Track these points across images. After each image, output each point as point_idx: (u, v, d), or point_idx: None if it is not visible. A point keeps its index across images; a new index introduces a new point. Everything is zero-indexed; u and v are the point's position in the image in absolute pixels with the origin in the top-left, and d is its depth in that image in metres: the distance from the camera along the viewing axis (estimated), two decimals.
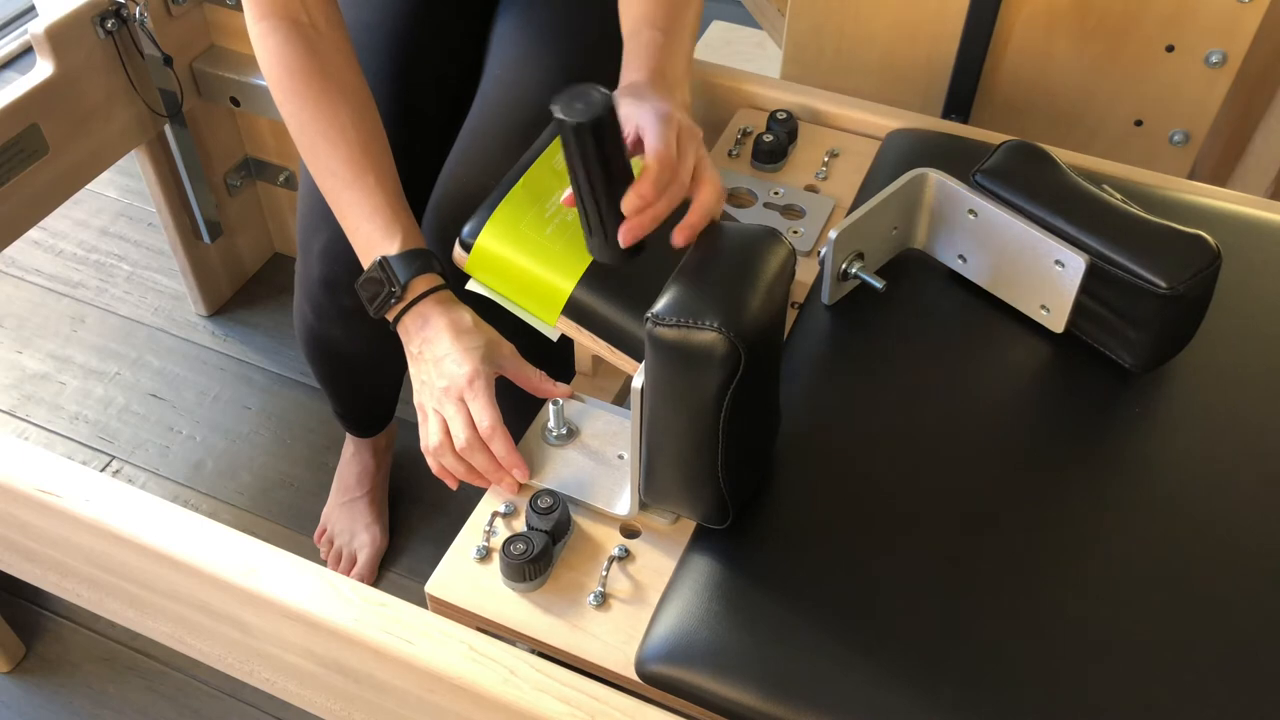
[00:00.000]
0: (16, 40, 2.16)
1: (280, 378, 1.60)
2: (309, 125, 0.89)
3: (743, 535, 0.79)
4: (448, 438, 0.84)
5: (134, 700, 1.25)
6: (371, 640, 0.75)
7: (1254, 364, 0.89)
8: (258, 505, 1.45)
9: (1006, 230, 0.88)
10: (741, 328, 0.67)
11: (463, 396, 0.84)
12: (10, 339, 1.66)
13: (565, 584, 0.80)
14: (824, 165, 1.12)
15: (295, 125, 0.90)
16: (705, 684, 0.72)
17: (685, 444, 0.73)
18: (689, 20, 0.89)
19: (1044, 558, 0.77)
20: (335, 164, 0.89)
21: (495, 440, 0.83)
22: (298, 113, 0.89)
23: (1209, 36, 1.15)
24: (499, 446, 0.83)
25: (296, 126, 0.90)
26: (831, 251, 0.90)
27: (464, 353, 0.85)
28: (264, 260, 1.77)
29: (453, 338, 0.85)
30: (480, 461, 0.84)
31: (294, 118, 0.89)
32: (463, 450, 0.84)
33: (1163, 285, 0.81)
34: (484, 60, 1.11)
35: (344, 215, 0.90)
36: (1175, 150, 1.25)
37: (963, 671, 0.71)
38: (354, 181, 0.88)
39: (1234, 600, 0.74)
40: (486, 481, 0.86)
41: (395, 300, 0.87)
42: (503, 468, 0.84)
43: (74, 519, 0.86)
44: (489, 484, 0.86)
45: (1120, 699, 0.70)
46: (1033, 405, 0.87)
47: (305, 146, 0.90)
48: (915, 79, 1.31)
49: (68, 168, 1.33)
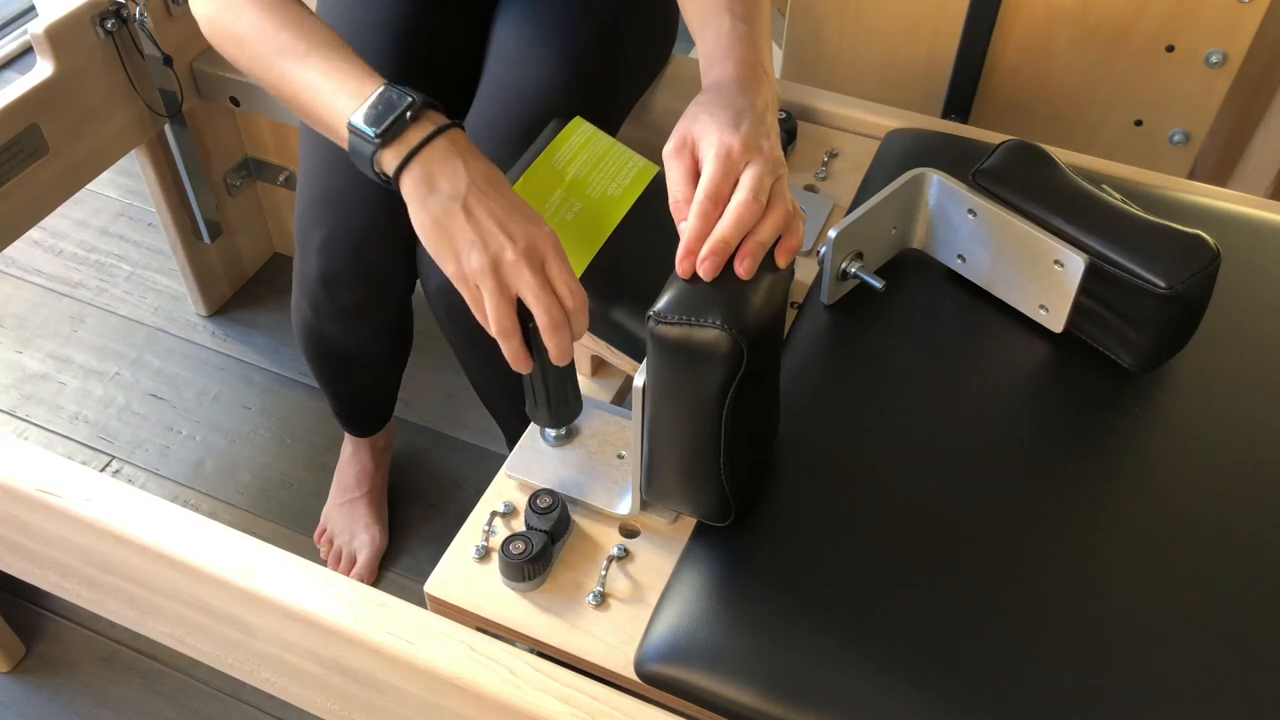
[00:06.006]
0: (16, 40, 2.16)
1: (280, 378, 1.60)
2: (255, 18, 0.81)
3: (742, 535, 0.79)
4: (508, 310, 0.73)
5: (134, 700, 1.25)
6: (371, 640, 0.75)
7: (1253, 364, 0.89)
8: (258, 505, 1.45)
9: (1005, 230, 0.88)
10: (744, 325, 0.67)
11: (545, 262, 0.72)
12: (10, 339, 1.66)
13: (564, 584, 0.80)
14: (823, 165, 1.12)
15: (240, 29, 0.82)
16: (704, 683, 0.72)
17: (687, 442, 0.73)
18: (766, 7, 0.81)
19: (1043, 557, 0.77)
20: (284, 40, 0.80)
21: (580, 316, 0.73)
22: (238, 17, 0.81)
23: (1209, 36, 1.15)
24: (581, 321, 0.74)
25: (242, 29, 0.82)
26: (831, 251, 0.90)
27: (529, 208, 0.73)
28: (264, 260, 1.77)
29: (506, 189, 0.73)
30: (565, 339, 0.73)
31: (237, 21, 0.82)
32: (558, 325, 0.72)
33: (1162, 285, 0.81)
34: (485, 58, 1.11)
35: (312, 84, 0.79)
36: (1175, 150, 1.25)
37: (963, 671, 0.71)
38: (315, 47, 0.80)
39: (1234, 597, 0.74)
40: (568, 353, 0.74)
41: (410, 121, 0.74)
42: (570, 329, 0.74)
43: (74, 519, 0.86)
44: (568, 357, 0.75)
45: (1121, 697, 0.70)
46: (1032, 405, 0.87)
47: (244, 35, 0.81)
48: (915, 79, 1.31)
49: (68, 168, 1.33)
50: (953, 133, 1.11)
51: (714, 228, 0.68)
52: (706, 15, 0.79)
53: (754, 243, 0.68)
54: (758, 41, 0.78)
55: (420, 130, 0.75)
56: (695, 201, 0.69)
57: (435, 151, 0.74)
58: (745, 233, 0.68)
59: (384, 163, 0.75)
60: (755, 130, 0.71)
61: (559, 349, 0.74)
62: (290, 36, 0.80)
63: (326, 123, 0.79)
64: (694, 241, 0.68)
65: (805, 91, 1.18)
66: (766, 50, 0.78)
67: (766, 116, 0.73)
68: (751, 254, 0.68)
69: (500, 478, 0.86)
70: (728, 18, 0.78)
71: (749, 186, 0.68)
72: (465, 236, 0.72)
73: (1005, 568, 0.76)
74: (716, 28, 0.78)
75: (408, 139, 0.74)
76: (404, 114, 0.74)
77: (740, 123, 0.70)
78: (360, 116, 0.75)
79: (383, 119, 0.74)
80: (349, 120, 0.75)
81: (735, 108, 0.72)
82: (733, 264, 0.68)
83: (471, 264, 0.72)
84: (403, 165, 0.74)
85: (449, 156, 0.74)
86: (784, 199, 0.70)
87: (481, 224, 0.72)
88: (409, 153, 0.74)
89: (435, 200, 0.73)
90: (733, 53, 0.76)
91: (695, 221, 0.68)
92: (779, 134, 0.74)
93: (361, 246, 1.04)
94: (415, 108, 0.75)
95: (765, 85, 0.75)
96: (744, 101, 0.72)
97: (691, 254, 0.68)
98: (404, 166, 0.74)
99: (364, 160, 0.76)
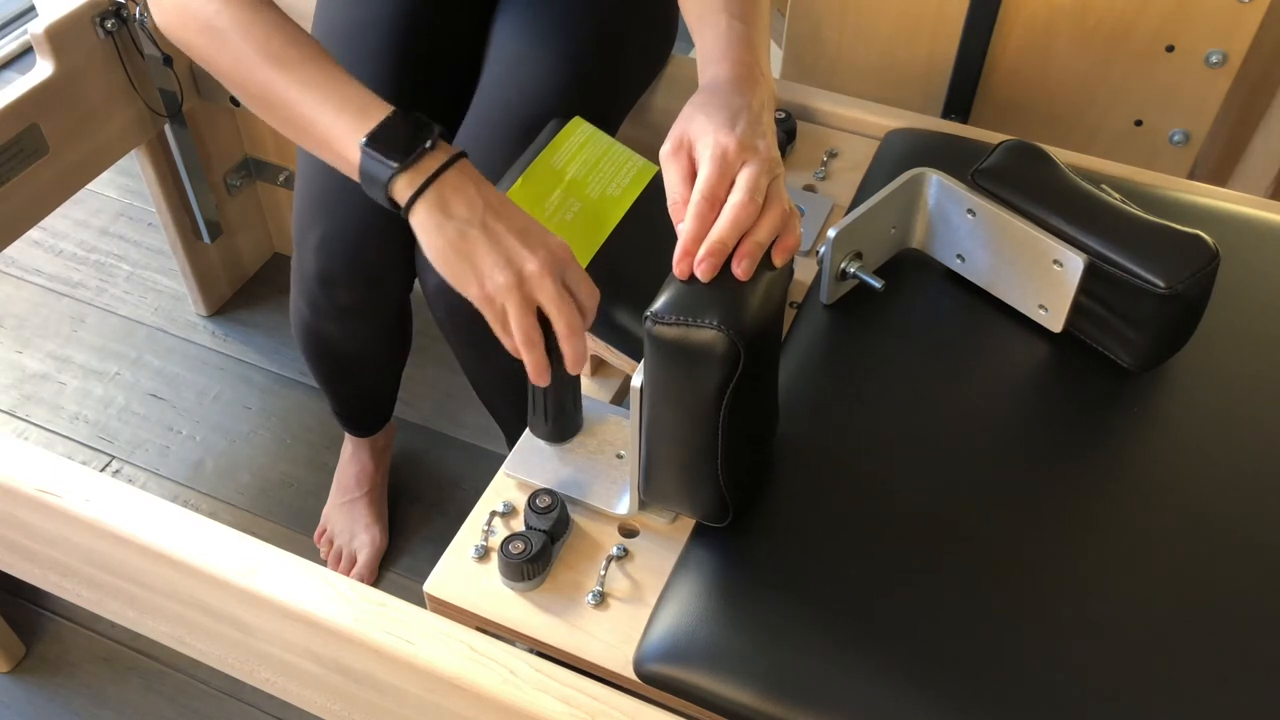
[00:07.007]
0: (16, 40, 2.16)
1: (280, 378, 1.60)
2: (240, 15, 0.78)
3: (741, 535, 0.79)
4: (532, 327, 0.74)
5: (134, 700, 1.25)
6: (371, 640, 0.75)
7: (1252, 363, 0.89)
8: (258, 505, 1.45)
9: (1005, 230, 0.88)
10: (741, 325, 0.67)
11: (565, 275, 0.74)
12: (10, 339, 1.66)
13: (563, 583, 0.80)
14: (823, 165, 1.12)
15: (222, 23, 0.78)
16: (703, 683, 0.73)
17: (685, 442, 0.73)
18: (765, 6, 0.81)
19: (1042, 556, 0.77)
20: (281, 47, 0.77)
21: (593, 314, 0.75)
22: (220, 11, 0.78)
23: (1209, 36, 1.15)
24: (590, 318, 0.76)
25: (224, 24, 0.78)
26: (830, 251, 0.90)
27: (538, 224, 0.74)
28: (264, 260, 1.77)
29: (516, 210, 0.74)
30: (582, 344, 0.75)
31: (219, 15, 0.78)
32: (576, 331, 0.74)
33: (1161, 285, 0.81)
34: (484, 58, 1.11)
35: (309, 99, 0.77)
36: (1175, 150, 1.25)
37: (961, 670, 0.71)
38: (309, 59, 0.77)
39: (1233, 597, 0.74)
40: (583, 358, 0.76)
41: (430, 150, 0.74)
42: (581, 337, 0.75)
43: (74, 519, 0.86)
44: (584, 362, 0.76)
45: (1120, 696, 0.70)
46: (1031, 404, 0.87)
47: (224, 32, 0.78)
48: (915, 79, 1.31)
49: (68, 168, 1.33)
50: (952, 133, 1.11)
51: (710, 229, 0.68)
52: (705, 14, 0.79)
53: (751, 243, 0.68)
54: (755, 41, 0.77)
55: (435, 159, 0.75)
56: (691, 203, 0.69)
57: (449, 179, 0.74)
58: (742, 233, 0.68)
59: (396, 189, 0.74)
60: (751, 130, 0.71)
61: (575, 354, 0.74)
62: (281, 43, 0.78)
63: (323, 140, 0.77)
64: (690, 243, 0.68)
65: (804, 91, 1.18)
66: (764, 50, 0.78)
67: (763, 116, 0.73)
68: (749, 255, 0.68)
69: (499, 477, 0.86)
70: (725, 17, 0.78)
71: (745, 187, 0.68)
72: (487, 258, 0.73)
73: (1004, 567, 0.76)
74: (714, 26, 0.78)
75: (424, 167, 0.74)
76: (427, 142, 0.74)
77: (736, 123, 0.70)
78: (370, 139, 0.74)
79: (404, 145, 0.74)
80: (360, 142, 0.74)
81: (731, 108, 0.72)
82: (730, 265, 0.68)
83: (497, 281, 0.72)
84: (418, 193, 0.74)
85: (462, 183, 0.75)
86: (781, 199, 0.70)
87: (502, 242, 0.73)
88: (426, 180, 0.74)
89: (452, 225, 0.73)
90: (730, 52, 0.76)
91: (691, 223, 0.68)
92: (775, 133, 0.74)
93: (359, 245, 1.04)
94: (434, 136, 0.75)
95: (762, 85, 0.75)
96: (740, 101, 0.72)
97: (688, 255, 0.68)
98: (419, 194, 0.74)
99: (376, 184, 0.75)
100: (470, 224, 0.73)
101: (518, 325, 0.73)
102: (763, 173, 0.69)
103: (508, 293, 0.72)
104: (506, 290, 0.72)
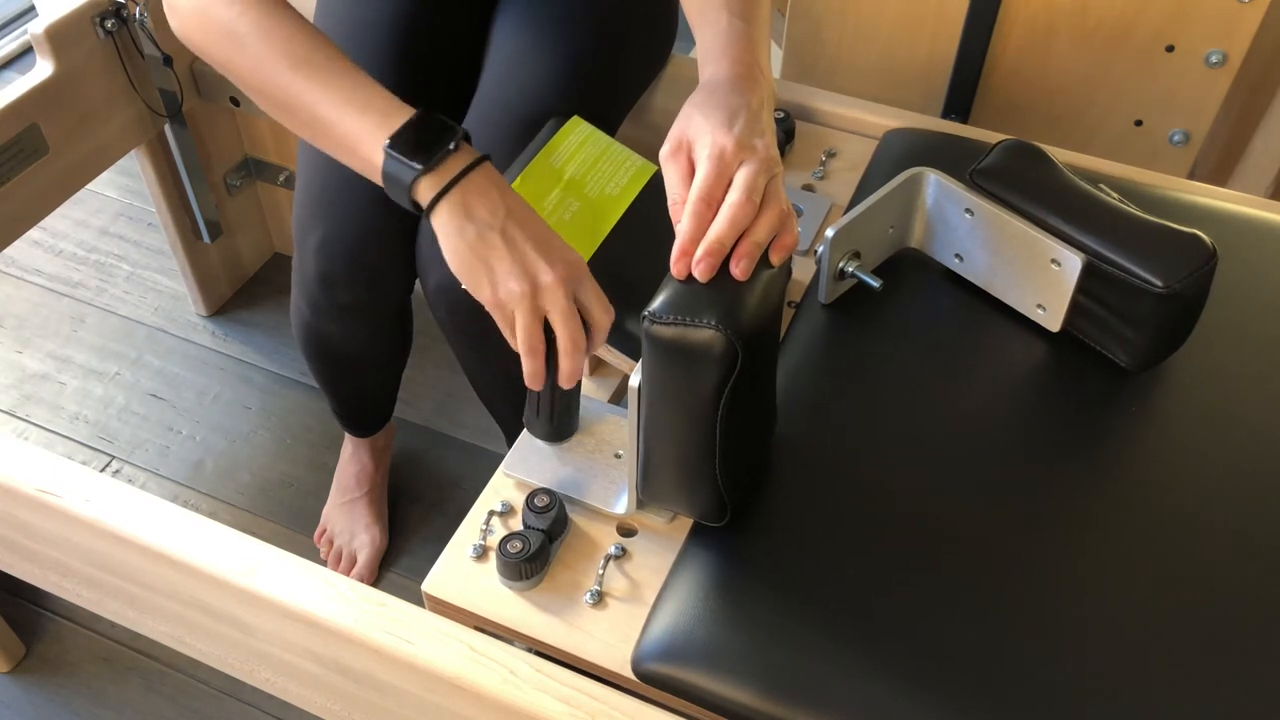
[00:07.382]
0: (16, 40, 2.17)
1: (280, 378, 1.60)
2: (262, 20, 0.78)
3: (739, 534, 0.79)
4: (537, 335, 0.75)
5: (134, 700, 1.25)
6: (371, 640, 0.76)
7: (1250, 363, 0.89)
8: (258, 505, 1.45)
9: (1003, 229, 0.88)
10: (739, 325, 0.67)
11: (579, 290, 0.74)
12: (10, 339, 1.66)
13: (562, 583, 0.80)
14: (821, 165, 1.12)
15: (243, 28, 0.78)
16: (702, 682, 0.73)
17: (683, 442, 0.73)
18: (766, 4, 0.80)
19: (1040, 555, 0.77)
20: (304, 50, 0.77)
21: (605, 333, 0.76)
22: (241, 15, 0.78)
23: (1209, 36, 1.15)
24: (601, 337, 0.76)
25: (244, 29, 0.78)
26: (828, 250, 0.90)
27: (558, 236, 0.74)
28: (264, 260, 1.77)
29: (538, 218, 0.75)
30: (580, 362, 0.76)
31: (240, 19, 0.78)
32: (578, 348, 0.75)
33: (1159, 284, 0.81)
34: (484, 57, 1.11)
35: (332, 101, 0.77)
36: (1175, 150, 1.25)
37: (960, 668, 0.71)
38: (331, 62, 0.78)
39: (1231, 596, 0.74)
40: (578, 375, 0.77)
41: (453, 152, 0.74)
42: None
43: (74, 519, 0.86)
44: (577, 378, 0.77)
45: (1118, 696, 0.70)
46: (1029, 404, 0.87)
47: (245, 36, 0.78)
48: (915, 79, 1.31)
49: (68, 168, 1.33)
50: (951, 132, 1.11)
51: (708, 228, 0.68)
52: (705, 11, 0.79)
53: (749, 243, 0.68)
54: (755, 39, 0.77)
55: (459, 161, 0.75)
56: (689, 203, 0.69)
57: (472, 182, 0.74)
58: (740, 233, 0.68)
59: (420, 190, 0.74)
60: (749, 130, 0.71)
61: (570, 370, 0.75)
62: (303, 47, 0.78)
63: (345, 142, 0.77)
64: (688, 243, 0.68)
65: (803, 91, 1.18)
66: (764, 48, 0.78)
67: (761, 115, 0.73)
68: (747, 254, 0.68)
69: (498, 477, 0.86)
70: (726, 14, 0.78)
71: (742, 187, 0.68)
72: (504, 264, 0.73)
73: (1002, 566, 0.76)
74: (715, 24, 0.78)
75: (448, 168, 0.74)
76: (450, 144, 0.74)
77: (734, 122, 0.70)
78: (394, 141, 0.74)
79: (429, 146, 0.74)
80: (383, 144, 0.74)
81: (729, 107, 0.72)
82: (728, 264, 0.68)
83: (510, 289, 0.73)
84: (441, 194, 0.74)
85: (486, 187, 0.75)
86: (778, 198, 0.70)
87: (520, 250, 0.73)
88: (449, 182, 0.74)
89: (473, 228, 0.74)
90: (729, 51, 0.76)
91: (689, 223, 0.68)
92: (774, 133, 0.74)
93: (360, 245, 1.04)
94: (458, 138, 0.75)
95: (761, 84, 0.75)
96: (738, 101, 0.72)
97: (686, 255, 0.68)
98: (442, 195, 0.74)
99: (399, 186, 0.75)
100: (491, 228, 0.73)
101: (524, 333, 0.74)
102: (760, 172, 0.69)
103: (519, 301, 0.73)
104: (519, 298, 0.73)
